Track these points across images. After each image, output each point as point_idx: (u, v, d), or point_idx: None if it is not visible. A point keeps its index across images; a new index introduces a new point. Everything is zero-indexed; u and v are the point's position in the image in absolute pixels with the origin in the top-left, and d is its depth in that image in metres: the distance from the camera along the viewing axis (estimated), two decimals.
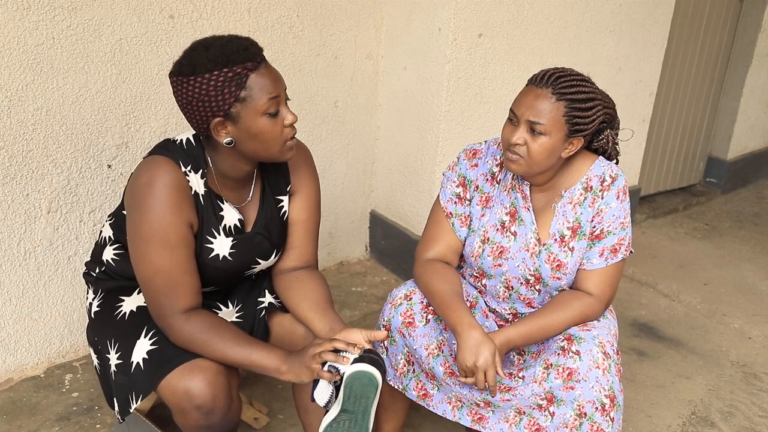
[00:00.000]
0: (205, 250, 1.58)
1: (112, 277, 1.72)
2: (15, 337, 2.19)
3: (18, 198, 2.06)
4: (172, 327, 1.50)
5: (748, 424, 2.27)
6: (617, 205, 1.69)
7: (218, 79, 1.40)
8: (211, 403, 1.47)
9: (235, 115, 1.44)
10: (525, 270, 1.74)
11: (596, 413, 1.57)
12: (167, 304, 1.49)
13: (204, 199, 1.56)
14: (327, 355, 1.42)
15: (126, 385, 1.54)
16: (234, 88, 1.41)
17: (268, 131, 1.46)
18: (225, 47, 1.42)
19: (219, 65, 1.40)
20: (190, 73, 1.41)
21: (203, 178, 1.56)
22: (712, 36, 3.90)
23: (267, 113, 1.45)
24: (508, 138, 1.62)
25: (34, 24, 1.93)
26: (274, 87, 1.45)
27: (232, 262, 1.63)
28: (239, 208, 1.64)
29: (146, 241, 1.48)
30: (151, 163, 1.51)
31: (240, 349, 1.48)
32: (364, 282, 2.99)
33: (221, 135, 1.47)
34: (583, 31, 2.95)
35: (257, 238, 1.66)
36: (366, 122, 2.91)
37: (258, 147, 1.49)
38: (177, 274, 1.49)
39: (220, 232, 1.60)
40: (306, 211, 1.73)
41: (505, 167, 1.71)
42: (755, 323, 2.87)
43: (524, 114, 1.58)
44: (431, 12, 2.56)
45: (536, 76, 1.60)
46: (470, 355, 1.56)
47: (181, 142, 1.57)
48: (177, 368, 1.48)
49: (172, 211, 1.48)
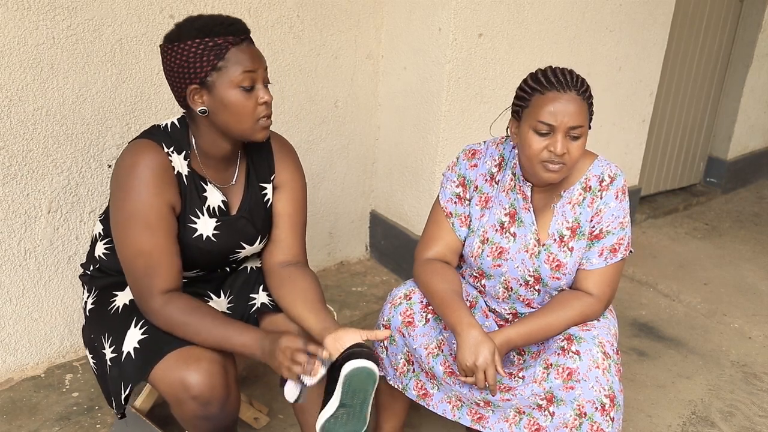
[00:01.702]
0: (188, 230, 1.60)
1: (105, 273, 1.72)
2: (15, 337, 2.19)
3: (18, 198, 2.06)
4: (152, 309, 1.51)
5: (748, 424, 2.27)
6: (616, 205, 1.68)
7: (198, 47, 1.46)
8: (208, 393, 1.46)
9: (210, 84, 1.48)
10: (524, 271, 1.74)
11: (596, 413, 1.57)
12: (147, 284, 1.51)
13: (187, 179, 1.58)
14: (294, 368, 1.40)
15: (118, 376, 1.54)
16: (212, 57, 1.46)
17: (240, 104, 1.49)
18: (211, 20, 1.49)
19: (202, 34, 1.46)
20: (175, 40, 1.48)
21: (186, 159, 1.59)
22: (712, 36, 3.90)
23: (241, 86, 1.48)
24: (552, 151, 1.56)
25: (34, 24, 1.93)
26: (251, 62, 1.49)
27: (216, 243, 1.64)
28: (223, 190, 1.65)
29: (128, 221, 1.50)
30: (133, 147, 1.54)
31: (218, 330, 1.49)
32: (364, 282, 2.99)
33: (196, 103, 1.51)
34: (583, 31, 2.95)
35: (241, 221, 1.67)
36: (366, 122, 2.91)
37: (229, 119, 1.51)
38: (157, 255, 1.51)
39: (204, 213, 1.61)
40: (291, 205, 1.74)
41: (537, 180, 1.67)
42: (755, 323, 2.87)
43: (564, 123, 1.54)
44: (431, 12, 2.56)
45: (552, 82, 1.55)
46: (470, 355, 1.56)
47: (166, 126, 1.61)
48: (170, 356, 1.48)
49: (154, 192, 1.50)
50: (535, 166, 1.60)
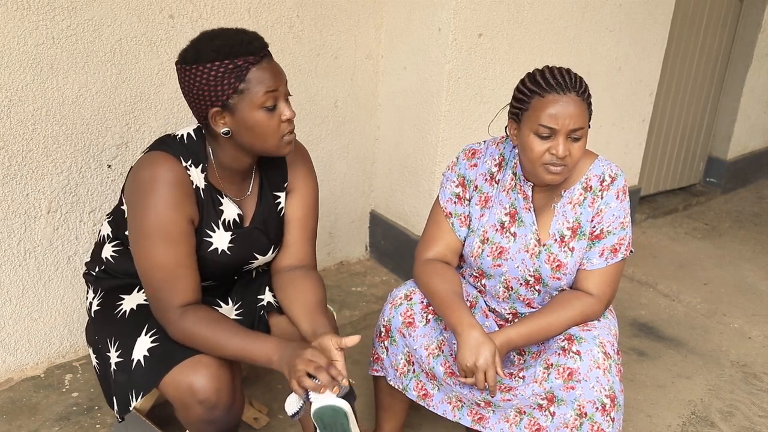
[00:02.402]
0: (204, 244, 1.59)
1: (111, 276, 1.72)
2: (15, 337, 2.19)
3: (18, 198, 2.06)
4: (169, 321, 1.51)
5: (748, 424, 2.27)
6: (617, 205, 1.68)
7: (218, 70, 1.43)
8: (214, 397, 1.47)
9: (233, 107, 1.46)
10: (525, 271, 1.74)
11: (597, 413, 1.57)
12: (165, 298, 1.50)
13: (204, 193, 1.57)
14: (306, 382, 1.39)
15: (126, 383, 1.54)
16: (233, 80, 1.43)
17: (264, 124, 1.48)
18: (230, 39, 1.45)
19: (221, 56, 1.43)
20: (193, 61, 1.44)
21: (203, 172, 1.57)
22: (712, 36, 3.90)
23: (264, 107, 1.46)
24: (554, 153, 1.56)
25: (34, 24, 1.93)
26: (273, 81, 1.47)
27: (231, 256, 1.64)
28: (238, 203, 1.64)
29: (148, 237, 1.49)
30: (152, 159, 1.51)
31: (236, 341, 1.48)
32: (364, 282, 2.99)
33: (218, 125, 1.49)
34: (583, 31, 2.95)
35: (255, 233, 1.67)
36: (366, 122, 2.91)
37: (254, 140, 1.50)
38: (177, 269, 1.50)
39: (219, 227, 1.61)
40: (302, 210, 1.73)
41: (539, 182, 1.67)
42: (755, 323, 2.87)
43: (565, 125, 1.53)
44: (431, 12, 2.56)
45: (552, 83, 1.55)
46: (470, 355, 1.56)
47: (182, 137, 1.58)
48: (179, 364, 1.48)
49: (174, 208, 1.49)
50: (536, 169, 1.60)
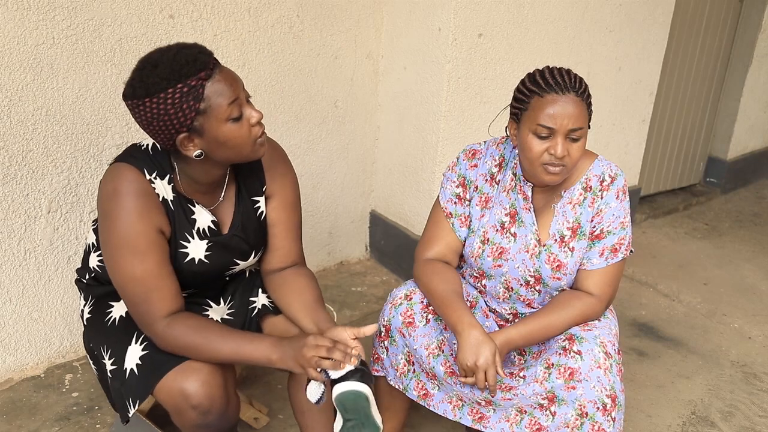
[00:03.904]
0: (179, 255, 1.56)
1: (101, 283, 1.71)
2: (15, 337, 2.19)
3: (18, 198, 2.06)
4: (156, 334, 1.48)
5: (748, 424, 2.27)
6: (617, 205, 1.68)
7: (174, 96, 1.36)
8: (207, 402, 1.46)
9: (199, 128, 1.40)
10: (525, 271, 1.74)
11: (597, 413, 1.57)
12: (146, 311, 1.48)
13: (174, 204, 1.53)
14: (323, 363, 1.40)
15: (122, 391, 1.54)
16: (192, 102, 1.37)
17: (236, 135, 1.43)
18: (174, 61, 1.37)
19: (172, 82, 1.35)
20: (145, 95, 1.37)
21: (170, 183, 1.52)
22: (712, 36, 3.90)
23: (231, 119, 1.41)
24: (552, 154, 1.55)
25: (34, 24, 1.93)
26: (231, 91, 1.40)
27: (209, 264, 1.61)
28: (212, 210, 1.61)
29: (116, 250, 1.46)
30: (115, 171, 1.48)
31: (228, 345, 1.46)
32: (364, 282, 2.99)
33: (189, 149, 1.43)
34: (583, 31, 2.95)
35: (234, 240, 1.64)
36: (366, 122, 2.91)
37: (229, 152, 1.46)
38: (151, 280, 1.47)
39: (194, 236, 1.57)
40: (284, 211, 1.70)
41: (538, 182, 1.67)
42: (755, 323, 2.87)
43: (564, 125, 1.53)
44: (431, 12, 2.56)
45: (551, 83, 1.54)
46: (471, 355, 1.56)
47: (147, 147, 1.53)
48: (170, 372, 1.47)
49: (138, 219, 1.45)
50: (535, 169, 1.60)
